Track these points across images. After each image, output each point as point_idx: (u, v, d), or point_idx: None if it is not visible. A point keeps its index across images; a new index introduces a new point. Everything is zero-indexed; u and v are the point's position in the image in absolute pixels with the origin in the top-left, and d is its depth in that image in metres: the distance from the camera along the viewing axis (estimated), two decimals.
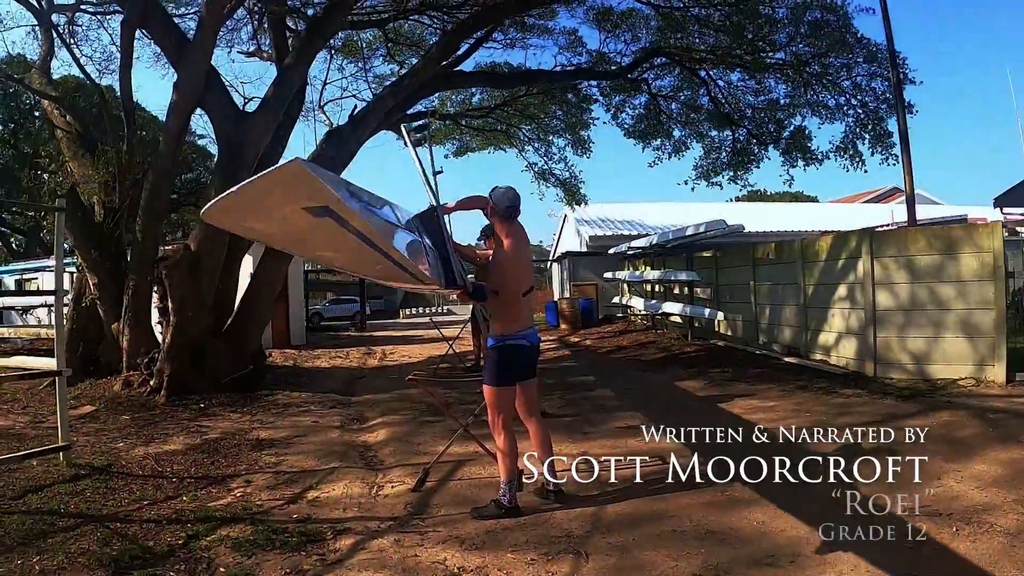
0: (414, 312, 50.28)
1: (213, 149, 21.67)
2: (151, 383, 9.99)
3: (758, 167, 18.43)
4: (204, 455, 6.85)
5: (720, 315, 12.76)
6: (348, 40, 17.44)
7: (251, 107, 13.08)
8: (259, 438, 7.56)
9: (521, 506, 4.92)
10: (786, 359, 11.45)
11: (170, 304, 10.18)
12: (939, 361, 9.22)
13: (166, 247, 11.27)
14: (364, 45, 17.89)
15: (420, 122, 6.11)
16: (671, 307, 15.00)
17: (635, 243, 18.19)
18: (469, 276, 5.17)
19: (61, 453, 6.33)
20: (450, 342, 12.61)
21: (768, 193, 60.89)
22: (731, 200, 48.61)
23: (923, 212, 27.88)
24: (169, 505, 5.32)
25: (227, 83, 14.45)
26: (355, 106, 13.30)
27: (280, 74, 11.41)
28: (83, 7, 14.13)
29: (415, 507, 5.19)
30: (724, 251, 15.00)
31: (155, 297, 10.75)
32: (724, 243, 15.14)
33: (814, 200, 55.23)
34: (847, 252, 10.27)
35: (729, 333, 14.29)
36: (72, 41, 14.73)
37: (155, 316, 10.94)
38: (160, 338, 10.66)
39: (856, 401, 8.23)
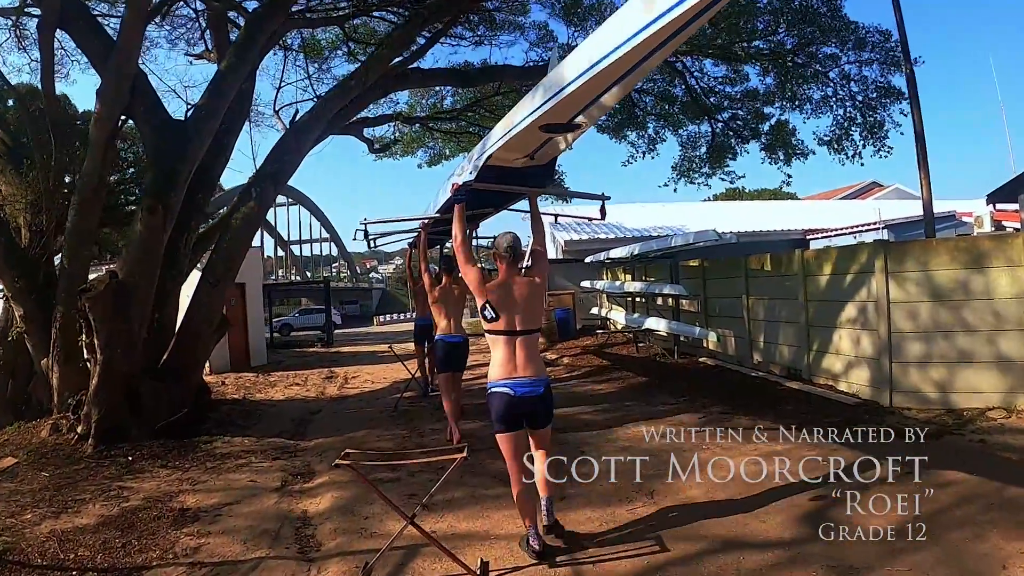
0: (387, 319, 49.26)
1: None
2: (79, 429, 8.87)
3: (734, 159, 18.03)
4: (117, 533, 5.71)
5: (712, 335, 11.68)
6: (309, 41, 16.25)
7: None
8: (184, 507, 6.40)
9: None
10: (787, 384, 10.39)
11: (96, 340, 9.01)
12: (964, 389, 8.21)
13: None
14: (325, 46, 16.73)
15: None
16: (655, 323, 13.81)
17: (614, 252, 16.91)
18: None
19: None
20: (413, 372, 11.49)
21: (746, 191, 60.47)
22: (709, 199, 48.09)
23: (905, 208, 27.24)
24: None
25: (171, 89, 13.31)
26: (296, 111, 12.02)
27: (216, 78, 10.24)
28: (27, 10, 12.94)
29: None
30: (712, 260, 13.96)
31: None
32: (712, 251, 14.13)
33: (793, 197, 54.79)
34: (857, 266, 9.23)
35: (719, 350, 13.25)
36: (22, 46, 13.54)
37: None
38: None
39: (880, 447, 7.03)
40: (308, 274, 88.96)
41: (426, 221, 9.15)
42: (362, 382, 14.68)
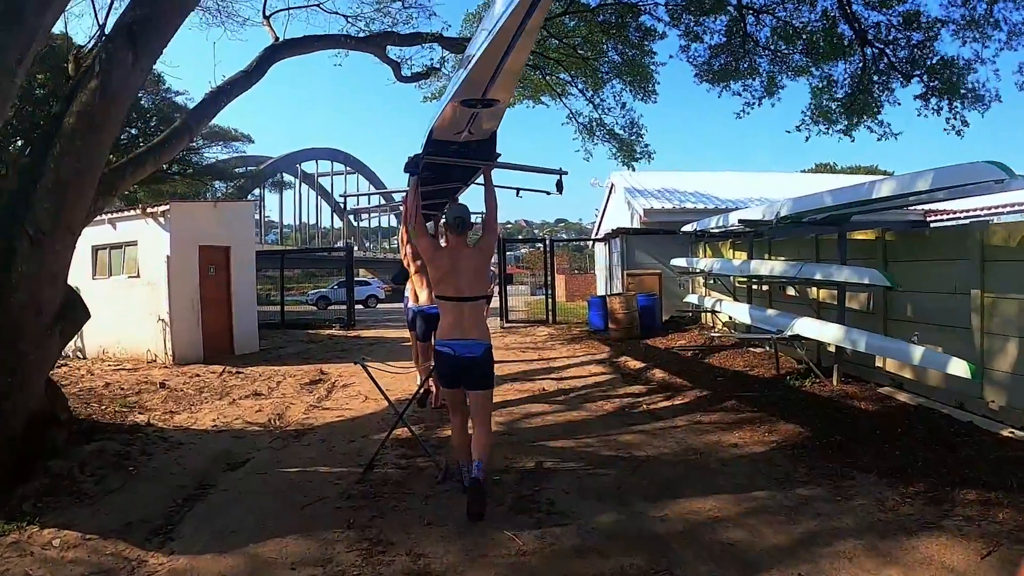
0: None
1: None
2: None
3: (879, 110, 14.08)
4: None
5: (964, 366, 6.05)
6: None
7: None
8: None
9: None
10: None
11: None
12: None
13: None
14: None
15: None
16: (816, 330, 8.47)
17: (741, 214, 11.08)
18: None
19: None
20: (400, 413, 6.36)
21: (838, 167, 56.04)
22: (800, 172, 43.63)
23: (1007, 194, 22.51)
24: None
25: None
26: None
27: None
28: None
29: None
30: (902, 233, 8.92)
31: None
32: (893, 220, 9.25)
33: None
34: None
35: (912, 377, 8.25)
36: None
37: None
38: None
39: None
40: (367, 244, 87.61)
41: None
42: (349, 396, 9.84)
